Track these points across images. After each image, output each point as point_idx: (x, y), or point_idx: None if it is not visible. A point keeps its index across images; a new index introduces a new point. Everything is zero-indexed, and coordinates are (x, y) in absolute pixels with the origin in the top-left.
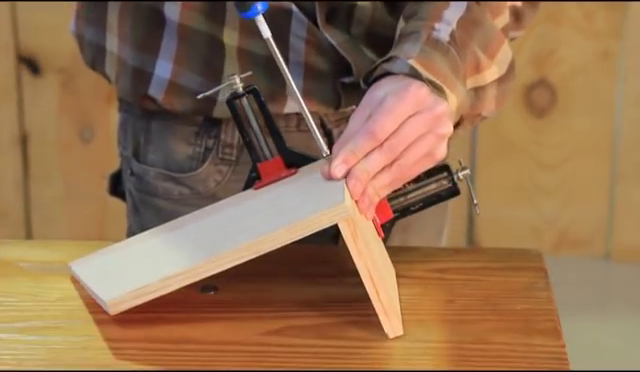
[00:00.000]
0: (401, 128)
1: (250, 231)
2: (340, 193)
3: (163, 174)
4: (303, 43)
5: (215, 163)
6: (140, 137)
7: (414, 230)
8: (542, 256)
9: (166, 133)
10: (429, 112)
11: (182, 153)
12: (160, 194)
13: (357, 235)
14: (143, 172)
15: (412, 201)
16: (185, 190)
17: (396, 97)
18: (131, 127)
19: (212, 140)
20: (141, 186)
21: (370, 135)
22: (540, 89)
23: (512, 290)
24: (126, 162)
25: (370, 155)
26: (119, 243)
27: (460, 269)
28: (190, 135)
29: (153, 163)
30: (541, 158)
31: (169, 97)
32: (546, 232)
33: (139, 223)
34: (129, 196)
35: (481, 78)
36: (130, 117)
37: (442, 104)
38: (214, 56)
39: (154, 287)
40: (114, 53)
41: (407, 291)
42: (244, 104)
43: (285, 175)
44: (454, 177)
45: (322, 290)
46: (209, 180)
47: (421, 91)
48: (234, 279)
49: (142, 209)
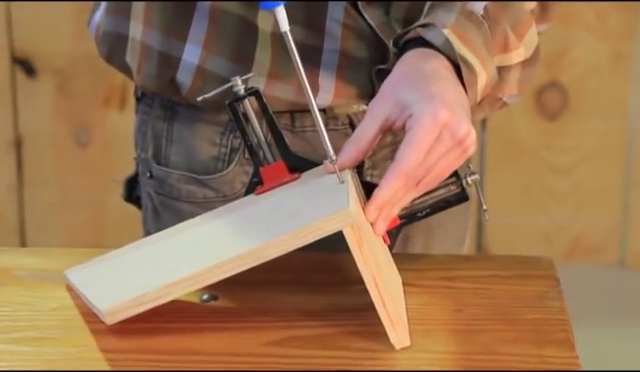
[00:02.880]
0: (427, 159)
1: (252, 238)
2: (345, 198)
3: (186, 176)
4: (340, 27)
5: (241, 164)
6: (161, 139)
7: (435, 238)
8: (554, 263)
9: (189, 134)
10: (453, 137)
11: (206, 154)
12: (183, 197)
13: (362, 242)
14: (164, 175)
15: (419, 207)
16: (210, 193)
17: (422, 127)
18: (151, 129)
19: (238, 140)
20: (162, 189)
21: (403, 176)
22: (551, 91)
23: (523, 299)
24: (144, 165)
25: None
26: (116, 250)
27: (469, 277)
28: (215, 135)
29: (175, 165)
30: (552, 162)
31: (197, 84)
32: (558, 239)
33: (159, 228)
34: (148, 200)
35: (507, 58)
36: (149, 119)
37: (465, 124)
38: (246, 41)
39: (153, 296)
40: (137, 40)
41: (414, 300)
42: (246, 106)
43: (288, 180)
44: (463, 182)
45: (326, 299)
46: (235, 182)
47: (445, 113)
48: (235, 288)
49: (163, 213)
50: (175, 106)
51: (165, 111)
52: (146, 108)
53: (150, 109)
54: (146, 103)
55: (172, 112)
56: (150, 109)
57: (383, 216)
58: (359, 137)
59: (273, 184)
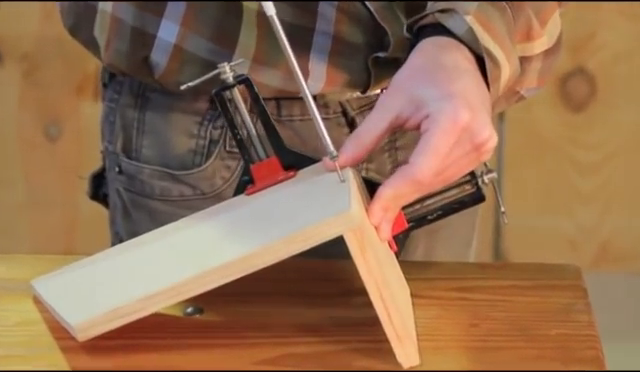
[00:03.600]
0: (444, 167)
1: (241, 244)
2: (346, 199)
3: (160, 172)
4: (334, 9)
5: (222, 158)
6: (131, 130)
7: (439, 240)
8: (580, 272)
9: (163, 124)
10: (472, 142)
11: (182, 147)
12: (156, 195)
13: (366, 248)
14: (135, 170)
15: (430, 209)
16: (187, 190)
17: (440, 130)
18: (120, 118)
19: (218, 131)
20: (133, 186)
21: (414, 183)
22: (577, 79)
23: (546, 312)
24: (112, 159)
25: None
26: (90, 257)
27: (485, 288)
28: (192, 125)
29: (147, 159)
30: (578, 159)
31: (173, 65)
32: (585, 245)
33: (130, 229)
34: (117, 198)
35: (529, 48)
36: (117, 107)
37: (487, 128)
38: (229, 20)
39: (130, 309)
40: (108, 12)
41: (424, 313)
42: (235, 96)
43: (282, 178)
44: (478, 181)
45: (325, 312)
46: (215, 177)
47: (466, 115)
48: (223, 300)
49: (134, 213)
50: (147, 92)
51: (136, 98)
52: (114, 95)
53: (119, 96)
54: (114, 89)
55: (144, 99)
56: (119, 96)
57: (388, 218)
58: (365, 132)
59: (265, 183)
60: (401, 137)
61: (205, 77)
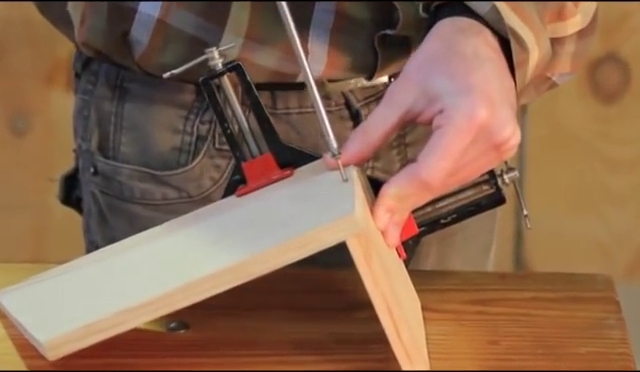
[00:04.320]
0: (458, 168)
1: (232, 251)
2: (349, 200)
3: (140, 172)
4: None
5: (211, 156)
6: (108, 125)
7: (454, 246)
8: (613, 283)
9: (144, 118)
10: (491, 141)
11: (166, 144)
12: (136, 198)
13: (372, 256)
14: (112, 170)
15: (443, 212)
16: (171, 192)
17: (454, 129)
18: (95, 112)
19: (206, 126)
20: (110, 189)
21: (421, 184)
22: (608, 66)
23: (574, 328)
24: (87, 158)
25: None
26: (61, 266)
27: (506, 300)
28: (176, 120)
29: (126, 158)
30: (610, 155)
31: (155, 43)
32: (617, 252)
33: (107, 236)
34: (92, 202)
35: (562, 27)
36: (92, 99)
37: (508, 127)
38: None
39: (106, 324)
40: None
41: (437, 329)
42: (225, 85)
43: (277, 177)
44: (498, 181)
45: (326, 328)
46: (203, 178)
47: (484, 113)
48: (211, 313)
49: (111, 218)
50: (126, 82)
51: (113, 89)
52: (88, 86)
53: (93, 87)
54: (88, 79)
55: (122, 90)
56: (93, 87)
57: (395, 221)
58: (371, 127)
59: (259, 183)
60: (411, 132)
61: (191, 63)
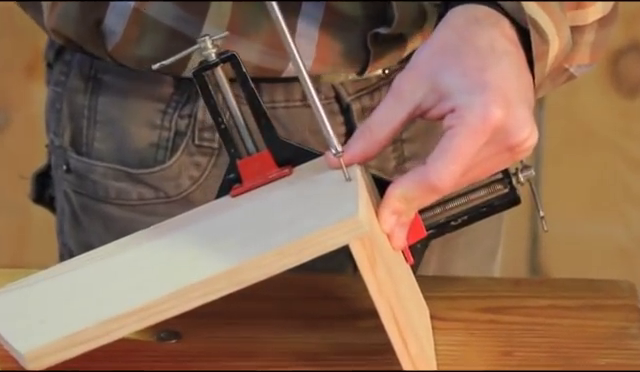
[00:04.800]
0: (468, 169)
1: (226, 256)
2: (352, 201)
3: (115, 170)
4: None
5: (190, 153)
6: (81, 119)
7: (457, 249)
8: (635, 289)
9: (119, 112)
10: (506, 142)
11: (143, 140)
12: (111, 198)
13: (376, 261)
14: (86, 168)
15: (453, 213)
16: (148, 192)
17: (467, 129)
18: (67, 105)
19: (185, 121)
20: (83, 188)
21: (431, 189)
22: (631, 57)
23: (593, 338)
24: (59, 155)
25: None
26: (43, 271)
27: (520, 308)
28: (154, 114)
29: (100, 155)
30: (632, 153)
31: (131, 33)
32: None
33: (80, 239)
34: (65, 202)
35: (582, 16)
36: (65, 91)
37: (525, 129)
38: None
39: (91, 334)
40: None
41: (447, 339)
42: (219, 76)
43: (275, 176)
44: (512, 180)
45: (327, 337)
46: (182, 177)
47: (500, 113)
48: (204, 322)
49: (84, 219)
50: (100, 73)
51: (86, 81)
52: (61, 77)
53: (66, 78)
54: (61, 70)
55: (96, 82)
56: (66, 78)
57: (401, 223)
58: (378, 124)
59: (255, 182)
60: (409, 127)
61: (183, 53)
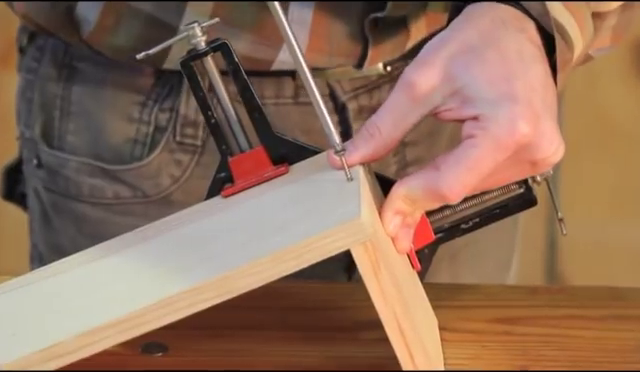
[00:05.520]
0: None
1: (217, 261)
2: (354, 202)
3: (90, 166)
4: None
5: (171, 150)
6: (53, 110)
7: (466, 262)
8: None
9: (94, 103)
10: (530, 157)
11: (119, 134)
12: (84, 196)
13: (380, 267)
14: (58, 163)
15: (463, 215)
16: (124, 190)
17: (491, 142)
18: (39, 94)
19: (166, 114)
20: (55, 184)
21: (439, 196)
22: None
23: (615, 351)
24: (30, 148)
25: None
26: (17, 279)
27: (537, 318)
28: (132, 107)
29: (74, 149)
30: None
31: (106, 21)
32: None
33: (50, 240)
34: (35, 200)
35: (604, 4)
36: (36, 79)
37: (552, 144)
38: None
39: (71, 346)
40: None
41: (457, 352)
42: (209, 67)
43: (270, 175)
44: (528, 179)
45: (327, 350)
46: (161, 175)
47: (526, 128)
48: (193, 334)
49: (56, 219)
50: (75, 61)
51: (60, 68)
52: (33, 62)
53: (38, 65)
54: (33, 56)
55: (70, 70)
56: (38, 65)
57: (407, 225)
58: (389, 124)
59: (248, 181)
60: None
61: (170, 41)
